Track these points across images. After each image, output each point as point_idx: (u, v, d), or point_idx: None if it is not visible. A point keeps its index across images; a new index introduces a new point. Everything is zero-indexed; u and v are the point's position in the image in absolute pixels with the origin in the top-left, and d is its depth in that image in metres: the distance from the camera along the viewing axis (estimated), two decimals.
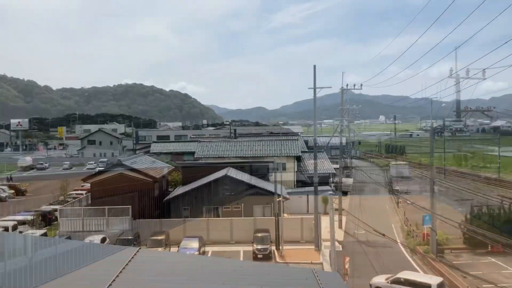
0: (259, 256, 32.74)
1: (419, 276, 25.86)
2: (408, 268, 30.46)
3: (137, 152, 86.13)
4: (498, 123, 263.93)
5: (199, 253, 32.01)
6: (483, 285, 25.05)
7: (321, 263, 31.51)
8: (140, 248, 7.19)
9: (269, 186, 41.72)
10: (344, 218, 43.38)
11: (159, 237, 34.09)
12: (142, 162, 47.45)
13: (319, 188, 41.61)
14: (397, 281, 25.40)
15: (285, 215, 40.60)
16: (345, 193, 58.87)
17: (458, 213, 43.93)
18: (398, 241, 37.27)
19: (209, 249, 35.63)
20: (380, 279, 26.54)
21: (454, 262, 31.72)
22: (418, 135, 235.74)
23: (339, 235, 39.53)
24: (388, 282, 25.81)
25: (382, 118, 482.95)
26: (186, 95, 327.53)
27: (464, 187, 66.28)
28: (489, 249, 32.26)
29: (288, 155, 52.49)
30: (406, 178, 79.40)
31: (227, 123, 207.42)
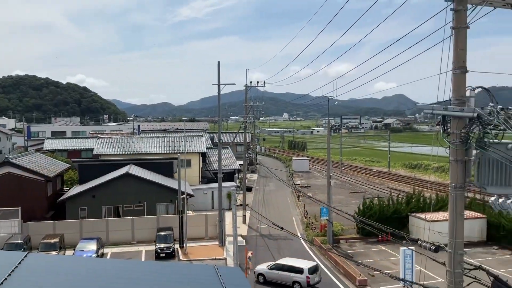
0: (162, 255, 32.14)
1: (295, 261, 27.78)
2: (307, 259, 31.93)
3: (29, 149, 79.79)
4: (389, 120, 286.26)
5: (97, 256, 30.59)
6: (374, 272, 27.04)
7: (225, 259, 31.82)
8: (29, 253, 6.61)
9: (173, 183, 41.11)
10: (248, 213, 44.21)
11: (52, 240, 31.88)
12: (34, 160, 44.08)
13: (224, 184, 41.91)
14: (276, 267, 27.27)
15: (189, 212, 40.31)
16: (249, 189, 59.96)
17: (353, 204, 46.99)
18: (298, 233, 38.86)
19: (109, 250, 34.18)
20: (262, 266, 27.99)
21: (348, 251, 33.85)
22: (318, 131, 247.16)
23: (243, 230, 40.21)
24: (268, 268, 27.50)
25: (285, 115, 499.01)
26: (85, 89, 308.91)
27: (358, 180, 71.07)
28: (379, 238, 34.92)
29: (193, 151, 52.15)
30: (306, 172, 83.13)
31: (131, 118, 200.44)
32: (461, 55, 9.43)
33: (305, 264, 26.99)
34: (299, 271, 26.29)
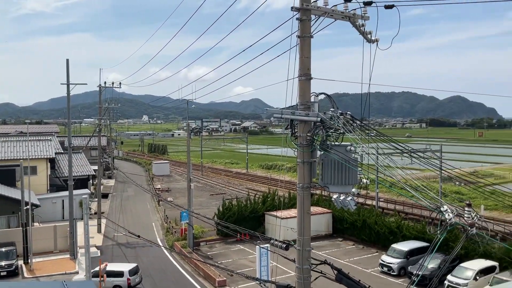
0: (3, 273, 28.65)
1: (116, 266, 27.84)
2: (167, 265, 31.35)
3: None
4: (247, 124, 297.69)
5: None
6: (235, 271, 27.60)
7: (77, 272, 29.51)
8: None
9: (15, 193, 36.87)
10: (103, 222, 41.73)
11: None
12: None
13: (76, 191, 38.90)
14: (96, 274, 26.22)
15: (35, 224, 36.54)
16: (106, 196, 56.80)
17: (213, 206, 47.56)
18: (158, 239, 37.94)
19: None
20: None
21: (208, 253, 34.08)
22: (179, 134, 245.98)
23: (98, 240, 37.84)
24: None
25: (145, 117, 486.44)
26: None
27: (218, 182, 72.32)
28: (238, 237, 35.84)
29: (40, 157, 47.49)
30: (167, 176, 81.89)
31: None
32: (306, 62, 10.00)
33: (125, 267, 27.25)
34: (119, 274, 26.47)
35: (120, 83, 43.90)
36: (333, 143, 10.02)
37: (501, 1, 10.11)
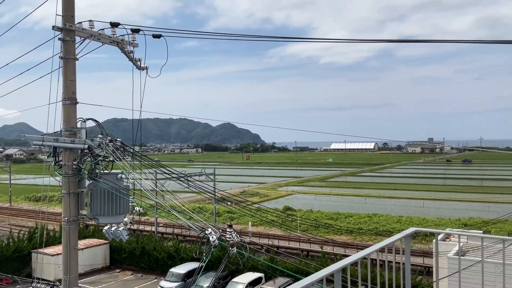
0: None
1: None
2: None
3: None
4: (11, 151, 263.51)
5: None
6: None
7: None
8: None
9: None
10: None
11: None
12: None
13: None
14: None
15: None
16: None
17: None
18: None
19: None
20: None
21: None
22: None
23: None
24: None
25: None
26: None
27: None
28: (2, 282, 30.80)
29: None
30: None
31: None
32: (70, 85, 9.36)
33: None
34: None
35: None
36: (102, 171, 9.56)
37: (254, 40, 11.42)
